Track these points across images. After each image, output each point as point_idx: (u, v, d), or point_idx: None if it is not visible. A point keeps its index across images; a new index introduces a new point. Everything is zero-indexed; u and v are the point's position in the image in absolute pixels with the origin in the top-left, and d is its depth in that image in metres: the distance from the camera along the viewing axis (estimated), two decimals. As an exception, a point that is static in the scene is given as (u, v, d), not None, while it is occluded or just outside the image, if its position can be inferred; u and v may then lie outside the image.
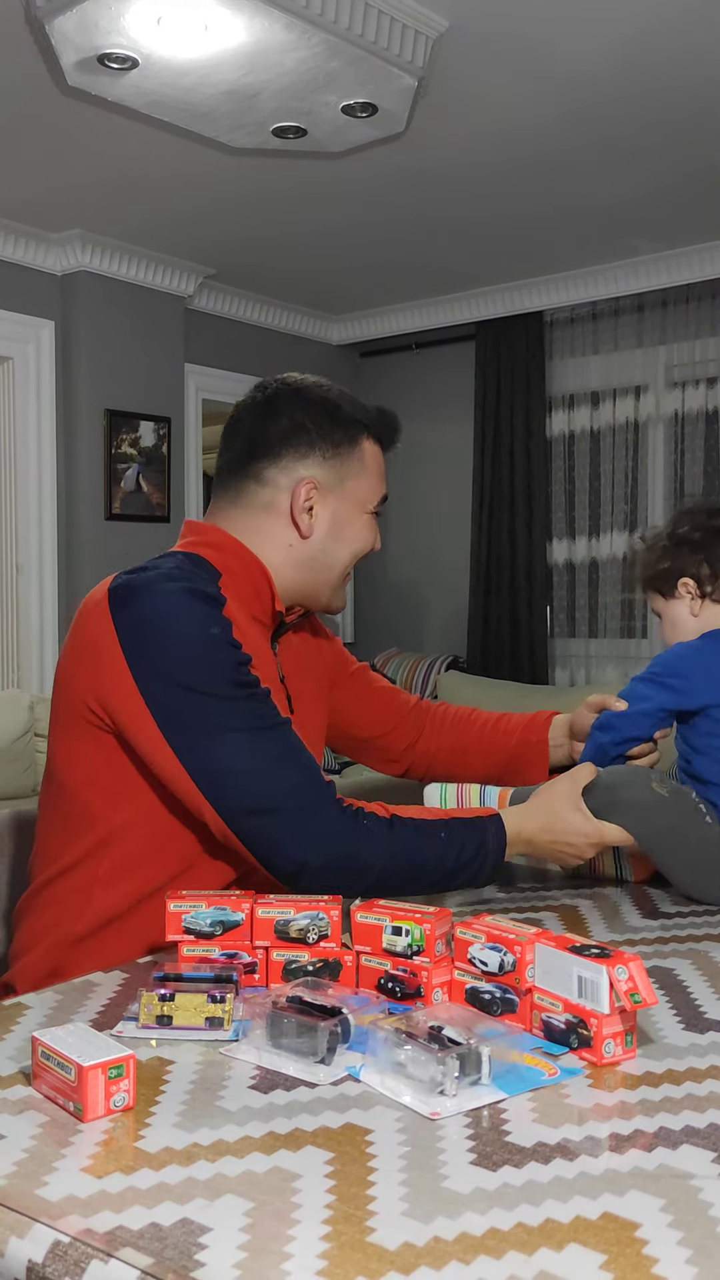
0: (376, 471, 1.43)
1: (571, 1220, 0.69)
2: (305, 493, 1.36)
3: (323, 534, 1.39)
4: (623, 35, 2.86)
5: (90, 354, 4.52)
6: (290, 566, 1.39)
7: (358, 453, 1.40)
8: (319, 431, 1.37)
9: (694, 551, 1.54)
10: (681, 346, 4.82)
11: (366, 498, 1.41)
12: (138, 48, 2.77)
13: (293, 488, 1.36)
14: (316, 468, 1.37)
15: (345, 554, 1.41)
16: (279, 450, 1.37)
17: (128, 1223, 0.69)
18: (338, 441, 1.38)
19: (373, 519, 1.43)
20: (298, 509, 1.36)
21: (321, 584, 1.41)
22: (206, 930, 1.09)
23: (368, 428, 1.41)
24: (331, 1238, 0.67)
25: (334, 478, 1.38)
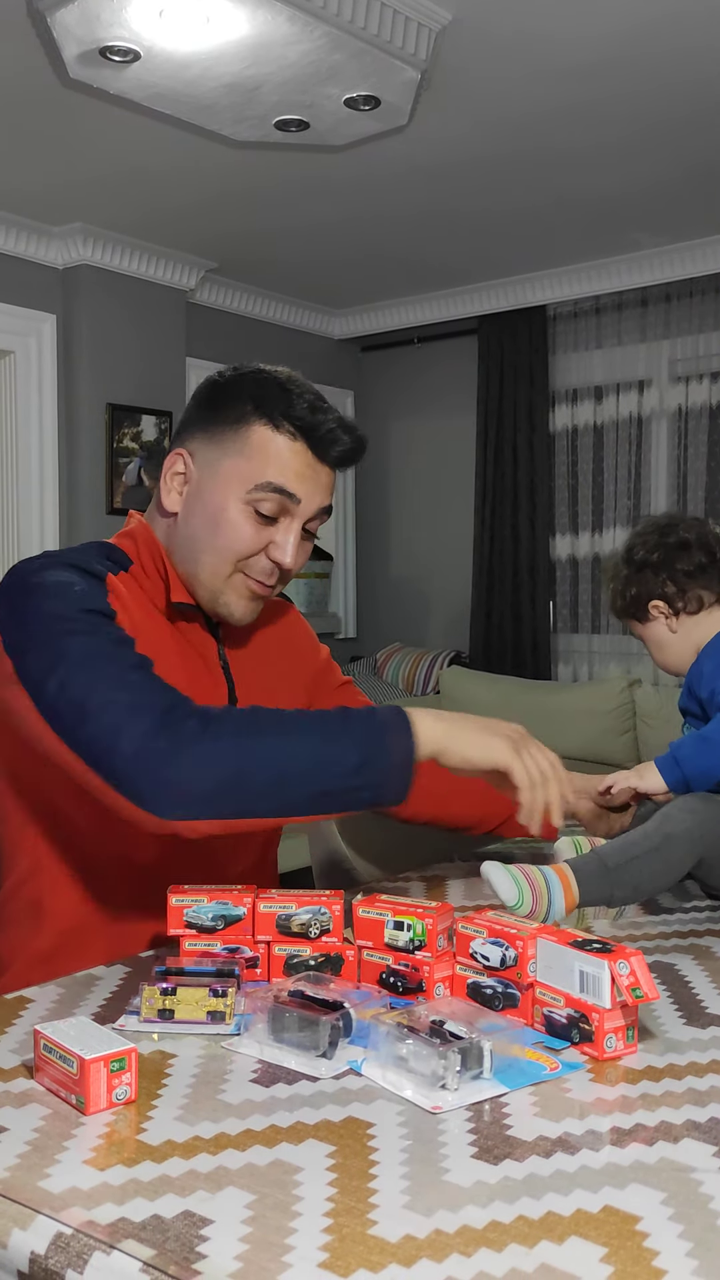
0: (264, 456, 1.24)
1: (572, 1213, 0.69)
2: (176, 464, 1.28)
3: (187, 515, 1.27)
4: (626, 28, 2.85)
5: (92, 348, 4.52)
6: (172, 551, 1.30)
7: (242, 431, 1.24)
8: (214, 402, 1.28)
9: (655, 573, 1.51)
10: (685, 341, 4.81)
11: (242, 480, 1.23)
12: (139, 40, 2.77)
13: (168, 455, 1.30)
14: (196, 441, 1.28)
15: (211, 548, 1.25)
16: (184, 423, 1.31)
17: (130, 1215, 0.69)
18: (225, 416, 1.25)
19: (255, 517, 1.24)
20: (165, 479, 1.29)
21: (193, 577, 1.28)
22: (208, 925, 1.09)
23: (266, 412, 1.24)
24: (333, 1230, 0.67)
25: (212, 452, 1.26)
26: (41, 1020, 0.99)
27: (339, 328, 5.72)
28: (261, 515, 1.24)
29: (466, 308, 5.28)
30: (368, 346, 5.80)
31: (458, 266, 4.92)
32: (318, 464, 1.26)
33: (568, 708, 4.71)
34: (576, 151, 3.63)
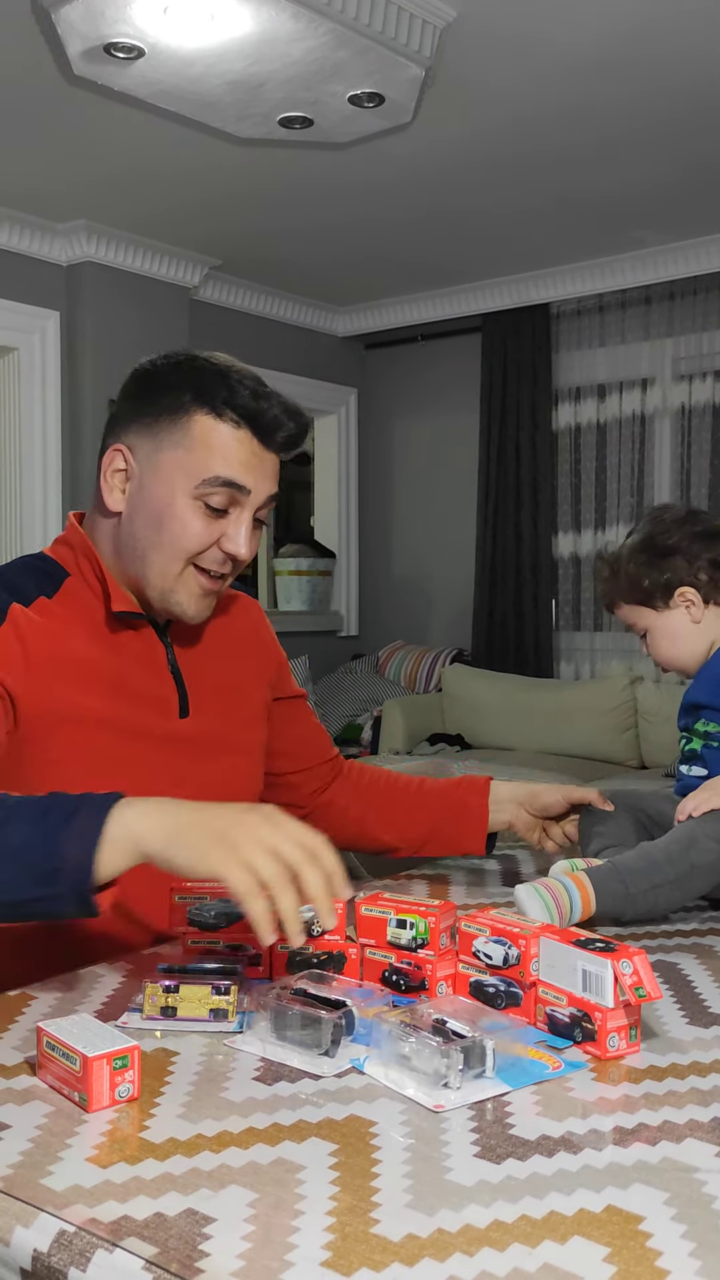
0: (208, 448, 1.18)
1: (575, 1213, 0.69)
2: (115, 461, 1.22)
3: (131, 514, 1.21)
4: (630, 27, 2.84)
5: (95, 345, 4.52)
6: (114, 554, 1.24)
7: (182, 422, 1.18)
8: (149, 394, 1.21)
9: (689, 560, 1.45)
10: (688, 339, 4.81)
11: (186, 475, 1.18)
12: (144, 37, 2.76)
13: (105, 453, 1.23)
14: (134, 435, 1.21)
15: (157, 545, 1.20)
16: (118, 415, 1.25)
17: (132, 1213, 0.69)
18: (162, 407, 1.19)
19: (204, 510, 1.19)
20: (105, 478, 1.22)
21: (141, 578, 1.22)
22: (211, 922, 1.09)
23: (205, 400, 1.18)
24: (335, 1229, 0.67)
25: (150, 445, 1.20)
26: (44, 1017, 0.99)
27: (343, 325, 5.72)
28: (211, 509, 1.20)
29: (470, 305, 5.27)
30: (371, 344, 5.80)
31: (461, 264, 4.92)
32: (263, 451, 1.21)
33: (569, 705, 4.70)
34: (580, 149, 3.62)
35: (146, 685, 1.26)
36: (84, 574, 1.25)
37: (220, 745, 1.33)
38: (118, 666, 1.24)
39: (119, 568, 1.26)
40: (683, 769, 1.48)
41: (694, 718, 1.46)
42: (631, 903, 1.23)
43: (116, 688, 1.23)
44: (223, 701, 1.34)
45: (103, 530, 1.26)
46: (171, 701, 1.28)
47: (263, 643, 1.45)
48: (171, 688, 1.28)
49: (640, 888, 1.23)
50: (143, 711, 1.25)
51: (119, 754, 1.22)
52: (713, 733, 1.43)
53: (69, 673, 1.19)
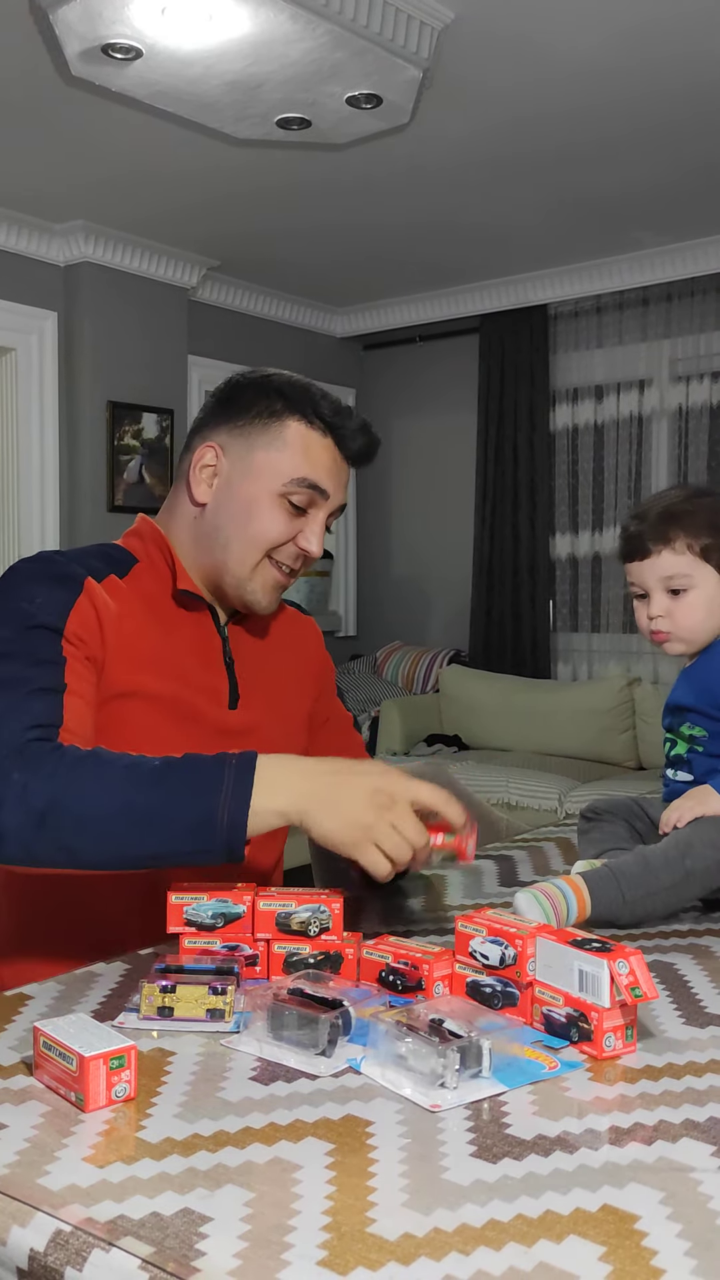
0: (299, 450, 1.28)
1: (571, 1212, 0.69)
2: (205, 456, 1.30)
3: (217, 506, 1.30)
4: (628, 27, 2.85)
5: (93, 345, 4.52)
6: (193, 543, 1.32)
7: (277, 426, 1.28)
8: (242, 400, 1.31)
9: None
10: (686, 340, 4.81)
11: (275, 473, 1.27)
12: (142, 38, 2.76)
13: (196, 450, 1.31)
14: (226, 434, 1.30)
15: (243, 537, 1.28)
16: (204, 421, 1.33)
17: (129, 1212, 0.69)
18: (257, 412, 1.29)
19: (288, 508, 1.28)
20: (194, 473, 1.31)
21: (223, 570, 1.30)
22: (208, 922, 1.09)
23: (301, 408, 1.29)
24: (332, 1228, 0.67)
25: (242, 445, 1.29)
26: (41, 1017, 0.99)
27: (341, 326, 5.72)
28: (294, 506, 1.28)
29: (468, 306, 5.28)
30: (369, 345, 5.81)
31: (459, 265, 4.92)
32: (341, 461, 1.32)
33: (567, 706, 4.71)
34: (578, 151, 3.63)
35: (202, 672, 1.31)
36: (152, 560, 1.31)
37: (265, 741, 1.33)
38: (178, 650, 1.29)
39: (193, 556, 1.32)
40: (669, 773, 1.45)
41: (679, 720, 1.42)
42: (628, 909, 1.23)
43: (175, 670, 1.28)
44: (269, 700, 1.38)
45: (180, 521, 1.34)
46: (223, 691, 1.33)
47: (310, 655, 1.49)
48: (224, 678, 1.33)
49: (636, 894, 1.22)
50: (197, 697, 1.30)
51: (171, 735, 1.26)
52: (699, 737, 1.40)
53: (133, 650, 1.25)
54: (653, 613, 1.39)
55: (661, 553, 1.37)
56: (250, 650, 1.38)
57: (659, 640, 1.41)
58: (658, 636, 1.41)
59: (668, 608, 1.38)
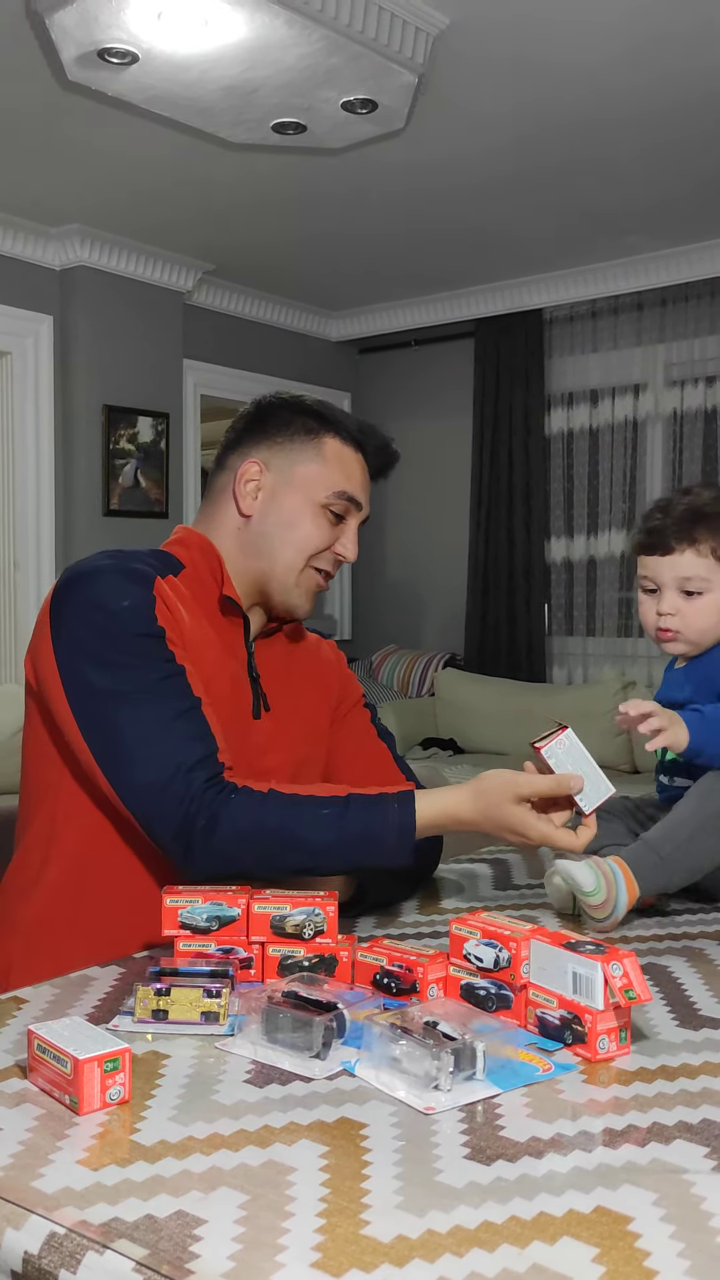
0: (336, 465, 1.39)
1: (565, 1214, 0.69)
2: (250, 471, 1.37)
3: (264, 516, 1.37)
4: (624, 34, 2.86)
5: (89, 349, 4.52)
6: (239, 551, 1.38)
7: (315, 442, 1.39)
8: (277, 420, 1.40)
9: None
10: (680, 345, 4.83)
11: (318, 486, 1.37)
12: (138, 42, 2.77)
13: (239, 466, 1.38)
14: (267, 451, 1.39)
15: (289, 545, 1.37)
16: (241, 440, 1.41)
17: (123, 1215, 0.69)
18: (295, 430, 1.39)
19: (329, 518, 1.38)
20: (240, 487, 1.38)
21: (269, 576, 1.38)
22: (203, 925, 1.09)
23: (333, 426, 1.40)
24: (326, 1230, 0.67)
25: (283, 460, 1.38)
26: (36, 1020, 0.99)
27: (336, 330, 5.73)
28: (334, 515, 1.38)
29: (463, 311, 5.29)
30: (365, 348, 5.81)
31: (454, 270, 4.93)
32: (368, 474, 1.43)
33: (562, 710, 4.71)
34: (573, 156, 3.64)
35: (234, 679, 1.36)
36: (198, 568, 1.36)
37: (285, 753, 1.40)
38: (220, 654, 1.35)
39: (240, 564, 1.38)
40: (662, 779, 1.44)
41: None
42: (669, 867, 1.21)
43: (218, 673, 1.33)
44: (289, 714, 1.42)
45: (223, 532, 1.39)
46: (247, 701, 1.38)
47: (331, 676, 1.53)
48: (248, 689, 1.38)
49: (669, 849, 1.21)
50: (232, 701, 1.34)
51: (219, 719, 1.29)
52: None
53: (193, 649, 1.30)
54: (663, 609, 1.37)
55: (684, 552, 1.35)
56: (275, 667, 1.43)
57: (664, 638, 1.39)
58: (663, 634, 1.39)
59: (679, 607, 1.36)
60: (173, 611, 1.29)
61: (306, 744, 1.45)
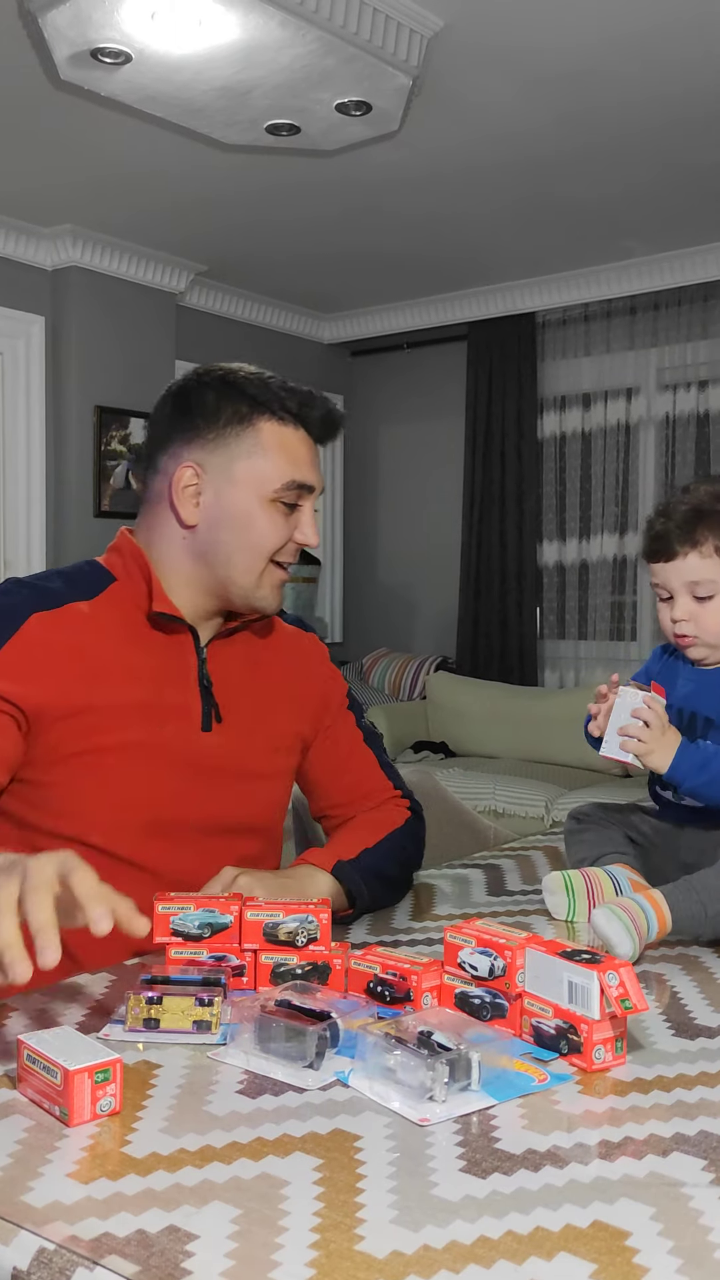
0: (279, 452, 1.28)
1: (561, 1229, 0.69)
2: (185, 477, 1.28)
3: (210, 524, 1.28)
4: (617, 38, 2.85)
5: (80, 350, 4.51)
6: (190, 560, 1.30)
7: (250, 430, 1.27)
8: (204, 411, 1.28)
9: None
10: (673, 349, 4.83)
11: (264, 481, 1.27)
12: (131, 43, 2.76)
13: (174, 472, 1.29)
14: (200, 450, 1.28)
15: (244, 549, 1.28)
16: (168, 436, 1.31)
17: (114, 1230, 0.68)
18: (226, 420, 1.27)
19: (282, 509, 1.29)
20: (177, 496, 1.29)
21: (229, 582, 1.30)
22: (194, 933, 1.08)
23: (266, 406, 1.28)
24: (320, 1245, 0.66)
25: (220, 459, 1.27)
26: (25, 1030, 0.98)
27: (329, 332, 5.72)
28: (286, 506, 1.29)
29: (456, 314, 5.29)
30: (358, 351, 5.81)
31: (448, 272, 4.93)
32: (314, 445, 1.32)
33: (553, 714, 4.71)
34: (567, 160, 3.64)
35: (173, 695, 1.29)
36: (132, 578, 1.30)
37: (240, 766, 1.34)
38: (148, 672, 1.28)
39: (191, 574, 1.31)
40: (668, 794, 1.39)
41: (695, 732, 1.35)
42: (710, 924, 1.18)
43: (141, 690, 1.27)
44: (251, 722, 1.35)
45: (167, 542, 1.31)
46: (195, 713, 1.30)
47: (311, 676, 1.44)
48: (197, 700, 1.31)
49: (718, 908, 1.18)
50: (164, 718, 1.28)
51: (137, 758, 1.26)
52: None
53: (97, 674, 1.24)
54: (677, 616, 1.35)
55: (688, 555, 1.32)
56: (236, 670, 1.35)
57: (684, 644, 1.37)
58: (682, 640, 1.36)
59: (693, 611, 1.33)
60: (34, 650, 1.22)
61: (267, 755, 1.37)
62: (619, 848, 1.39)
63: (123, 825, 1.26)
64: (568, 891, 1.31)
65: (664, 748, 1.29)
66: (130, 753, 1.25)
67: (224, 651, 1.35)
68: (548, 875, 1.33)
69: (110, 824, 1.26)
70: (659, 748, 1.29)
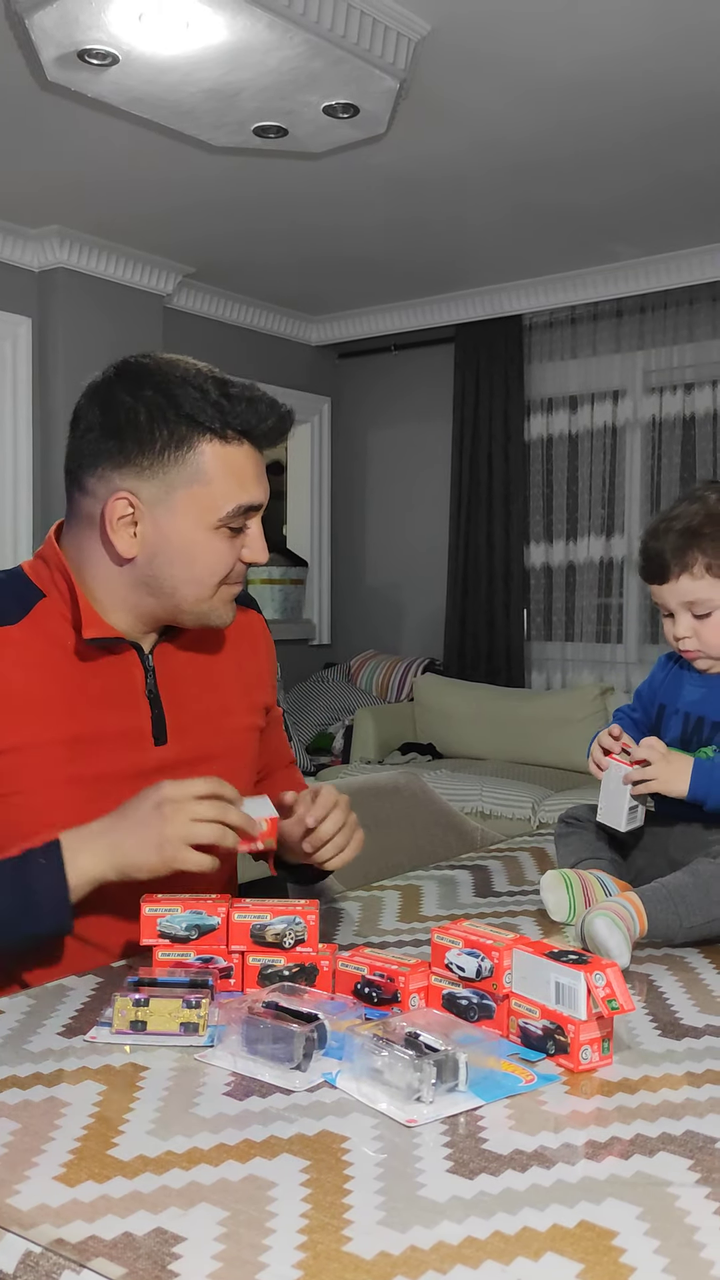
0: (224, 476, 1.17)
1: (548, 1229, 0.69)
2: (119, 509, 1.16)
3: (150, 556, 1.18)
4: (604, 41, 2.86)
5: (67, 352, 4.50)
6: (127, 588, 1.21)
7: (191, 458, 1.16)
8: (136, 434, 1.16)
9: None
10: (659, 352, 4.85)
11: (209, 509, 1.17)
12: (118, 44, 2.76)
13: (106, 501, 1.17)
14: (134, 479, 1.16)
15: (190, 581, 1.19)
16: (96, 455, 1.18)
17: (100, 1232, 0.68)
18: (161, 446, 1.15)
19: (228, 534, 1.19)
20: (111, 528, 1.17)
21: (176, 609, 1.21)
22: (182, 934, 1.08)
23: (206, 427, 1.15)
24: (307, 1247, 0.66)
25: (157, 487, 1.16)
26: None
27: (316, 334, 5.72)
28: (233, 530, 1.20)
29: (444, 316, 5.29)
30: (345, 353, 5.81)
31: (435, 275, 4.93)
32: (259, 455, 1.22)
33: (541, 715, 4.72)
34: (554, 163, 3.65)
35: (114, 716, 1.22)
36: (61, 595, 1.22)
37: (199, 770, 1.27)
38: (84, 695, 1.20)
39: (129, 602, 1.22)
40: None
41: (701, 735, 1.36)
42: (684, 934, 1.20)
43: (76, 717, 1.19)
44: (206, 726, 1.29)
45: (99, 570, 1.21)
46: (145, 730, 1.24)
47: (259, 664, 1.40)
48: (146, 715, 1.24)
49: (695, 921, 1.19)
50: (107, 741, 1.21)
51: (71, 786, 1.19)
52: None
53: (25, 709, 1.17)
54: (678, 633, 1.36)
55: (679, 578, 1.33)
56: (186, 675, 1.29)
57: (689, 658, 1.38)
58: (686, 654, 1.38)
59: (694, 628, 1.34)
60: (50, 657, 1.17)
61: (224, 751, 1.31)
62: (598, 852, 1.40)
63: None
64: (568, 890, 1.31)
65: (676, 773, 1.31)
66: (68, 789, 1.18)
67: (172, 655, 1.28)
68: (546, 874, 1.34)
69: None
70: (671, 775, 1.31)
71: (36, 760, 1.17)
